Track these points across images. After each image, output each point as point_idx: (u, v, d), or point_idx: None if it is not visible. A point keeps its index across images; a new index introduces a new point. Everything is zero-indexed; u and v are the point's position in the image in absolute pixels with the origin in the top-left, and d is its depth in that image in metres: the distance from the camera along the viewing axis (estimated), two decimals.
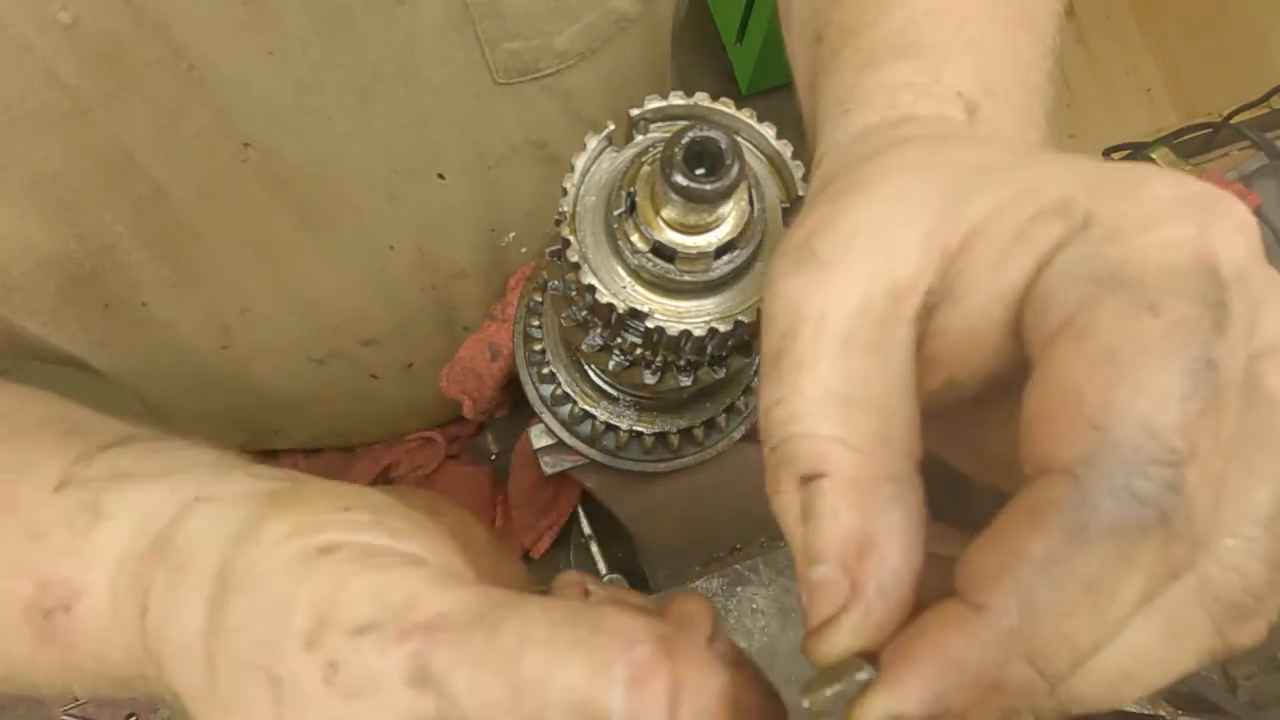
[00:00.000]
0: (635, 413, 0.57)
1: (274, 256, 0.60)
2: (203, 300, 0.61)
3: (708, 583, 0.66)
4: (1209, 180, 0.97)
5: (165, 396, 0.71)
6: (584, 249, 0.41)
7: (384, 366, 0.74)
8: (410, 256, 0.65)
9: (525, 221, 0.68)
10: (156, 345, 0.63)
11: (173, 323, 0.61)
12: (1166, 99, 1.62)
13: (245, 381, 0.70)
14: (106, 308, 0.58)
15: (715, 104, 0.43)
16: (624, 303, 0.40)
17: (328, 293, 0.65)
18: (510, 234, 0.68)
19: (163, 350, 0.64)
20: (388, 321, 0.69)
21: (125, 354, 0.63)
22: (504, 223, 0.67)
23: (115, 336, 0.61)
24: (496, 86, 0.57)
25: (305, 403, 0.75)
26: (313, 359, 0.69)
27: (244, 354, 0.66)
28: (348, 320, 0.68)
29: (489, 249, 0.68)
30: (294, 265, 0.62)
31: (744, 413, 0.60)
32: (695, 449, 0.60)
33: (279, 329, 0.66)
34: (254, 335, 0.65)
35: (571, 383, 0.58)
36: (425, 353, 0.75)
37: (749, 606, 0.66)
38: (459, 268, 0.68)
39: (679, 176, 0.36)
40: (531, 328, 0.59)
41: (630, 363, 0.47)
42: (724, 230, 0.40)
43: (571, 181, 0.42)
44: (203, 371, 0.67)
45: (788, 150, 0.43)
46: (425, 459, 0.84)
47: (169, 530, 0.36)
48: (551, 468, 0.61)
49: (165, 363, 0.65)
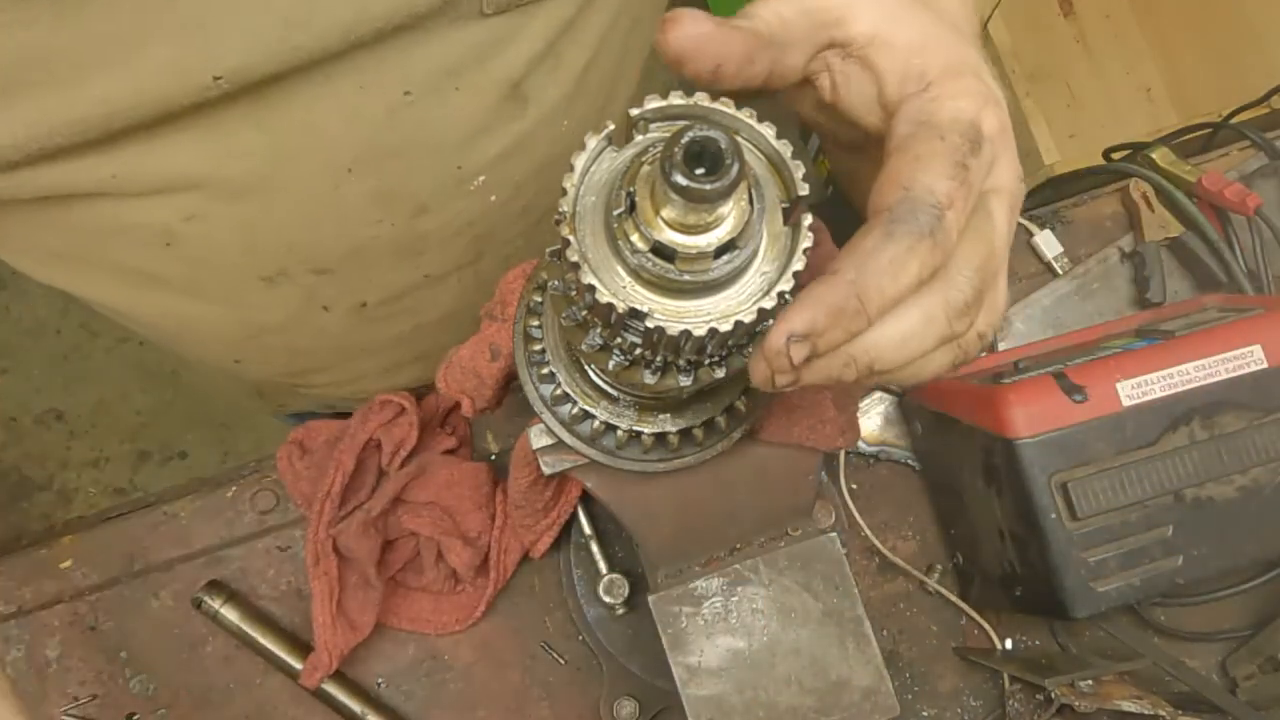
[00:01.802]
0: (635, 413, 0.57)
1: (220, 153, 0.58)
2: (141, 194, 0.59)
3: (708, 583, 0.66)
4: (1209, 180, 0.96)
5: (122, 308, 0.71)
6: (584, 249, 0.41)
7: (336, 300, 0.72)
8: (367, 184, 0.63)
9: (495, 166, 0.66)
10: (96, 239, 0.62)
11: (119, 215, 0.60)
12: (1166, 99, 1.62)
13: (197, 290, 0.69)
14: (44, 200, 0.57)
15: (715, 104, 0.43)
16: (624, 302, 0.40)
17: (277, 208, 0.62)
18: (480, 178, 0.66)
19: (109, 245, 0.63)
20: (339, 249, 0.67)
21: (65, 249, 0.63)
22: (472, 162, 0.65)
23: (52, 228, 0.60)
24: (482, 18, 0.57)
25: (261, 326, 0.74)
26: (262, 276, 0.68)
27: (190, 255, 0.65)
28: (298, 242, 0.66)
29: (453, 187, 0.66)
30: (241, 164, 0.59)
31: (744, 413, 0.60)
32: (695, 449, 0.60)
33: (223, 233, 0.63)
34: (199, 239, 0.63)
35: (571, 383, 0.58)
36: (380, 292, 0.73)
37: (749, 606, 0.66)
38: (420, 201, 0.66)
39: (679, 176, 0.36)
40: (531, 328, 0.59)
41: (630, 363, 0.47)
42: (724, 230, 0.40)
43: (571, 181, 0.42)
44: (152, 271, 0.66)
45: (788, 150, 0.43)
46: (403, 433, 0.83)
47: None
48: (551, 468, 0.61)
49: (108, 259, 0.65)
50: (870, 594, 0.89)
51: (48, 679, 0.83)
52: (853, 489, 0.90)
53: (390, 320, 0.77)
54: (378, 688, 0.85)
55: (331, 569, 0.79)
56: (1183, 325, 0.81)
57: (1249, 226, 0.93)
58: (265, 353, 0.81)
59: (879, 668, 0.66)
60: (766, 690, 0.65)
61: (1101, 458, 0.73)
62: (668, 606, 0.66)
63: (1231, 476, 0.74)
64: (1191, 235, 0.94)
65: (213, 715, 0.83)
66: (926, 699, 0.87)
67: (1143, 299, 0.95)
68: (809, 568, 0.67)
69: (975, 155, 0.42)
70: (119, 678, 0.84)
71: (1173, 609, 0.89)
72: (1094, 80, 1.61)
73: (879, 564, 0.90)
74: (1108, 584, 0.73)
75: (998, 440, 0.75)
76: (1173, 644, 0.88)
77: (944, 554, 0.90)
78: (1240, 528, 0.73)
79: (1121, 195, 0.99)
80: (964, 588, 0.88)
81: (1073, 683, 0.78)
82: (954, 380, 0.85)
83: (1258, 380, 0.75)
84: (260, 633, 0.82)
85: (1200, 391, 0.74)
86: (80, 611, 0.84)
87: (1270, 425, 0.74)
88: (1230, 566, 0.74)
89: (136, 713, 0.83)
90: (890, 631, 0.88)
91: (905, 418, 0.92)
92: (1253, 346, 0.75)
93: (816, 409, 0.65)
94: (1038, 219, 0.98)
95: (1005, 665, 0.84)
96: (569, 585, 0.85)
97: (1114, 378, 0.74)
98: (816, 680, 0.65)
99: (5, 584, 0.84)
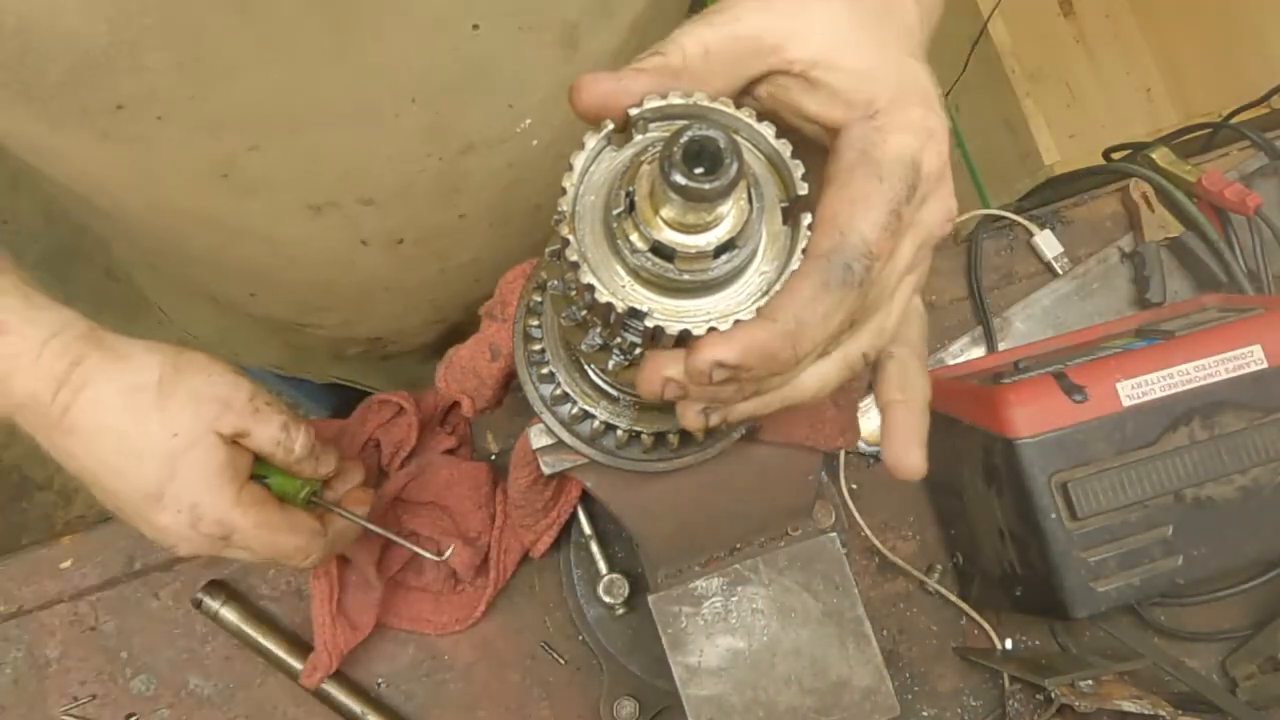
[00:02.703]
0: (635, 413, 0.57)
1: (297, 77, 0.59)
2: (213, 121, 0.59)
3: (707, 583, 0.66)
4: (1209, 180, 0.96)
5: (159, 234, 0.70)
6: (583, 248, 0.41)
7: (376, 234, 0.73)
8: (426, 117, 0.64)
9: (541, 109, 0.68)
10: (161, 165, 0.62)
11: (182, 143, 0.60)
12: (1166, 99, 1.62)
13: (239, 222, 0.69)
14: (120, 108, 0.56)
15: (715, 103, 0.43)
16: (623, 302, 0.40)
17: (338, 135, 0.63)
18: (526, 120, 0.68)
19: (167, 172, 0.63)
20: (389, 181, 0.68)
21: (129, 171, 0.63)
22: (523, 103, 0.67)
23: (122, 147, 0.60)
24: None
25: (293, 259, 0.74)
26: (310, 205, 0.68)
27: (243, 186, 0.65)
28: (351, 170, 0.67)
29: (502, 126, 0.68)
30: (313, 91, 0.60)
31: None
32: (695, 449, 0.60)
33: (282, 163, 0.64)
34: (257, 169, 0.64)
35: (571, 383, 0.58)
36: (417, 230, 0.74)
37: (749, 606, 0.66)
38: (469, 139, 0.67)
39: (678, 176, 0.36)
40: (531, 328, 0.59)
41: (630, 363, 0.47)
42: (723, 230, 0.40)
43: (571, 180, 0.42)
44: (200, 205, 0.66)
45: (787, 150, 0.43)
46: (402, 434, 0.83)
47: (101, 334, 0.61)
48: (551, 467, 0.61)
49: (167, 189, 0.65)
50: (870, 594, 0.89)
51: (48, 679, 0.83)
52: (853, 489, 0.90)
53: (421, 261, 0.78)
54: (378, 688, 0.85)
55: (331, 569, 0.79)
56: (1183, 325, 0.81)
57: (1249, 226, 0.93)
58: (286, 288, 0.81)
59: (879, 668, 0.66)
60: (766, 690, 0.65)
61: (1101, 458, 0.73)
62: (668, 606, 0.66)
63: (1231, 476, 0.74)
64: (1191, 235, 0.94)
65: (213, 715, 0.83)
66: (926, 699, 0.87)
67: (1143, 299, 0.95)
68: (809, 568, 0.67)
69: (909, 201, 0.44)
70: (119, 678, 0.84)
71: (1173, 609, 0.89)
72: (1094, 80, 1.61)
73: (879, 564, 0.90)
74: (1108, 584, 0.73)
75: (998, 440, 0.75)
76: (1173, 644, 0.88)
77: (944, 554, 0.90)
78: (1240, 528, 0.73)
79: (1121, 195, 0.99)
80: (964, 588, 0.88)
81: (1073, 683, 0.78)
82: (954, 380, 0.85)
83: (1258, 380, 0.75)
84: (260, 633, 0.82)
85: (1200, 391, 0.74)
86: (80, 611, 0.84)
87: (1270, 425, 0.74)
88: (1230, 566, 0.74)
89: (136, 713, 0.83)
90: (890, 631, 0.88)
91: None
92: (1253, 346, 0.75)
93: (816, 409, 0.65)
94: (1038, 219, 0.98)
95: (1005, 665, 0.84)
96: (569, 585, 0.85)
97: (1114, 378, 0.74)
98: (816, 680, 0.65)
99: (5, 584, 0.84)
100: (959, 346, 0.95)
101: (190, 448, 0.61)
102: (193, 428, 0.61)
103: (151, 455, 0.60)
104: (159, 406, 0.61)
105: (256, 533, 0.63)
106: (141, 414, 0.61)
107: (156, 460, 0.60)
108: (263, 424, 0.64)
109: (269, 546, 0.64)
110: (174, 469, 0.60)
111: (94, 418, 0.60)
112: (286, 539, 0.65)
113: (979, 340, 0.95)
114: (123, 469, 0.61)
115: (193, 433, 0.61)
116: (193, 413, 0.61)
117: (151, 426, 0.60)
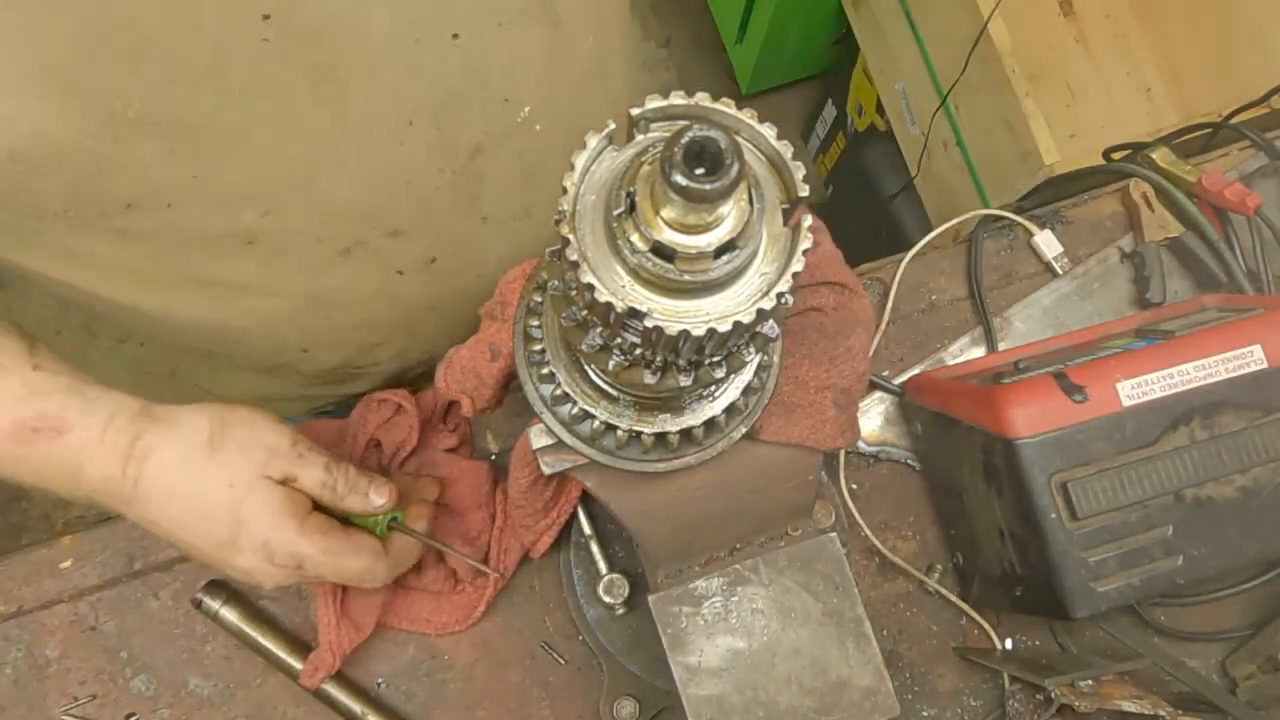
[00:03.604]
0: (635, 412, 0.57)
1: (291, 137, 0.60)
2: (222, 197, 0.61)
3: (708, 583, 0.66)
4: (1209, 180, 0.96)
5: (199, 315, 0.73)
6: (583, 248, 0.41)
7: (409, 261, 0.75)
8: (429, 134, 0.65)
9: (536, 92, 0.69)
10: (186, 248, 0.64)
11: (199, 224, 0.62)
12: (1166, 99, 1.62)
13: (277, 284, 0.71)
14: (130, 206, 0.58)
15: (715, 104, 0.43)
16: (623, 302, 0.40)
17: (349, 179, 0.65)
18: (525, 108, 0.69)
19: (193, 253, 0.65)
20: (410, 207, 0.70)
21: (156, 261, 0.65)
22: (518, 93, 0.68)
23: (143, 241, 0.62)
24: None
25: (334, 305, 0.77)
26: (339, 250, 0.71)
27: (271, 248, 0.67)
28: (373, 208, 0.69)
29: (504, 122, 0.69)
30: (311, 145, 0.61)
31: (744, 412, 0.60)
32: (695, 449, 0.60)
33: (301, 219, 0.66)
34: (278, 230, 0.66)
35: (571, 383, 0.58)
36: (447, 245, 0.76)
37: (749, 606, 0.66)
38: (476, 142, 0.69)
39: (679, 176, 0.36)
40: (531, 328, 0.59)
41: (630, 363, 0.47)
42: (724, 230, 0.40)
43: (571, 180, 0.42)
44: (233, 275, 0.69)
45: (788, 150, 0.43)
46: (403, 434, 0.83)
47: (152, 409, 0.65)
48: (551, 467, 0.61)
49: (197, 269, 0.67)
50: (870, 594, 0.89)
51: (48, 679, 0.83)
52: (853, 489, 0.90)
53: (457, 274, 0.80)
54: (378, 688, 0.85)
55: None
56: (1183, 325, 0.81)
57: (1249, 226, 0.93)
58: (334, 334, 0.83)
59: (879, 668, 0.66)
60: (766, 690, 0.65)
61: (1101, 458, 0.73)
62: (668, 606, 0.66)
63: (1231, 476, 0.74)
64: (1191, 235, 0.94)
65: (213, 715, 0.83)
66: (926, 699, 0.87)
67: (1143, 299, 0.95)
68: (809, 568, 0.67)
69: None
70: (119, 678, 0.84)
71: (1173, 609, 0.89)
72: (1094, 80, 1.61)
73: (879, 564, 0.90)
74: (1108, 584, 0.73)
75: (998, 440, 0.75)
76: (1173, 644, 0.88)
77: (944, 554, 0.90)
78: (1240, 528, 0.73)
79: (1121, 195, 0.99)
80: (964, 588, 0.88)
81: (1073, 683, 0.78)
82: (954, 380, 0.85)
83: (1258, 380, 0.75)
84: (260, 633, 0.82)
85: (1200, 391, 0.74)
86: (80, 611, 0.84)
87: (1270, 425, 0.74)
88: (1230, 566, 0.74)
89: (136, 713, 0.83)
90: (890, 631, 0.88)
91: (905, 418, 0.92)
92: (1253, 346, 0.75)
93: (816, 409, 0.65)
94: (1038, 219, 0.98)
95: (1005, 665, 0.84)
96: (569, 585, 0.85)
97: (1114, 378, 0.74)
98: (816, 680, 0.65)
99: (5, 584, 0.84)
100: (959, 346, 0.95)
101: (248, 494, 0.65)
102: (245, 475, 0.65)
103: (216, 508, 0.65)
104: (213, 461, 0.65)
105: (324, 559, 0.68)
106: (199, 471, 0.65)
107: (221, 511, 0.65)
108: (306, 468, 0.68)
109: (337, 571, 0.69)
110: (239, 516, 0.65)
111: (161, 484, 0.64)
112: (352, 562, 0.69)
113: (979, 340, 0.95)
114: (196, 525, 0.66)
115: (246, 480, 0.65)
116: (243, 461, 0.65)
117: (210, 482, 0.65)
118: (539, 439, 0.60)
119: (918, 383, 0.90)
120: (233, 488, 0.65)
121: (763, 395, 0.61)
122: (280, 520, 0.66)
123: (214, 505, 0.65)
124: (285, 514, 0.66)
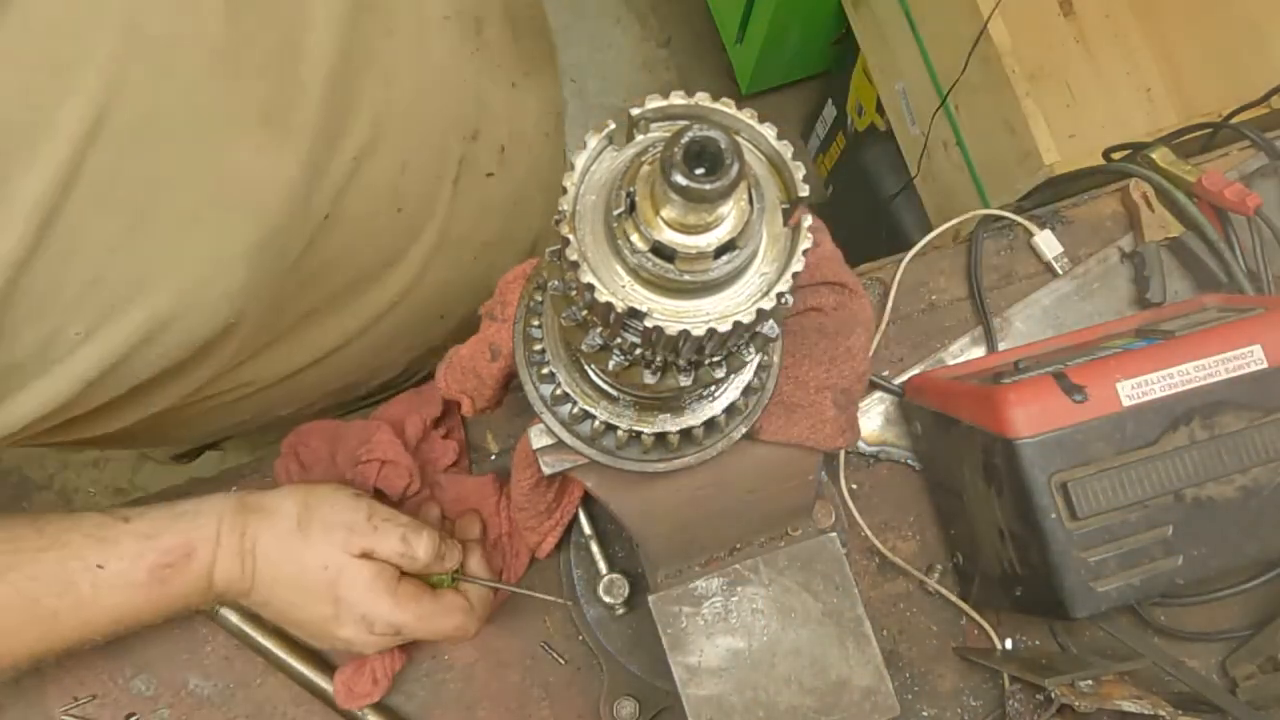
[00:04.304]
0: (635, 412, 0.57)
1: (282, 248, 0.62)
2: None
3: (707, 583, 0.66)
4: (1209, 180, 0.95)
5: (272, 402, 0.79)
6: (583, 248, 0.41)
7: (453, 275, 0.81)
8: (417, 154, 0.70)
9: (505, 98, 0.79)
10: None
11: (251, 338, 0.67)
12: (1166, 99, 1.62)
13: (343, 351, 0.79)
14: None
15: (715, 104, 0.43)
16: (623, 302, 0.40)
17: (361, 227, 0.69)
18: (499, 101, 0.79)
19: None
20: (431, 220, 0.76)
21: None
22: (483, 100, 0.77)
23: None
24: None
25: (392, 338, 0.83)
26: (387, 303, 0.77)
27: (322, 336, 0.75)
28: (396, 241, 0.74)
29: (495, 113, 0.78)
30: (300, 238, 0.63)
31: (744, 412, 0.60)
32: (695, 449, 0.59)
33: (334, 297, 0.73)
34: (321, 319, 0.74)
35: (571, 383, 0.58)
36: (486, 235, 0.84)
37: (749, 606, 0.66)
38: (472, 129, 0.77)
39: (679, 176, 0.36)
40: (531, 328, 0.59)
41: (630, 363, 0.47)
42: (724, 230, 0.39)
43: (571, 180, 0.42)
44: (291, 361, 0.75)
45: (788, 150, 0.43)
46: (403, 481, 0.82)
47: (245, 500, 0.70)
48: (551, 467, 0.61)
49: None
50: (870, 594, 0.89)
51: (48, 679, 0.83)
52: (853, 489, 0.90)
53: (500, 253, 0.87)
54: None
55: None
56: (1183, 325, 0.81)
57: (1249, 226, 0.93)
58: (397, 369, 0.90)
59: (879, 668, 0.66)
60: (766, 690, 0.65)
61: (1101, 458, 0.73)
62: (668, 606, 0.66)
63: (1231, 476, 0.74)
64: (1191, 235, 0.94)
65: (213, 715, 0.83)
66: (926, 699, 0.87)
67: (1143, 299, 0.95)
68: (809, 568, 0.67)
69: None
70: (119, 677, 0.84)
71: (1173, 609, 0.89)
72: (1094, 80, 1.61)
73: (879, 564, 0.90)
74: (1108, 584, 0.73)
75: (998, 440, 0.75)
76: (1173, 644, 0.88)
77: (944, 554, 0.90)
78: (1240, 528, 0.73)
79: (1121, 195, 0.99)
80: (964, 588, 0.88)
81: (1073, 683, 0.78)
82: (954, 380, 0.85)
83: (1258, 380, 0.75)
84: (260, 633, 0.82)
85: (1200, 391, 0.74)
86: None
87: (1270, 425, 0.74)
88: (1230, 566, 0.74)
89: (136, 713, 0.83)
90: (890, 631, 0.88)
91: (905, 418, 0.92)
92: (1253, 346, 0.75)
93: (816, 409, 0.65)
94: (1038, 219, 0.98)
95: (1005, 665, 0.84)
96: (569, 585, 0.85)
97: (1114, 378, 0.74)
98: (816, 680, 0.65)
99: None
100: (959, 346, 0.95)
101: (340, 573, 0.69)
102: (333, 555, 0.69)
103: (314, 588, 0.69)
104: (305, 544, 0.69)
105: (419, 624, 0.72)
106: (295, 555, 0.69)
107: (319, 591, 0.69)
108: (382, 540, 0.71)
109: (432, 633, 0.73)
110: (335, 594, 0.69)
111: (267, 571, 0.69)
112: (444, 622, 0.73)
113: (979, 340, 0.95)
114: (300, 603, 0.70)
115: (335, 560, 0.69)
116: (328, 542, 0.69)
117: (305, 565, 0.69)
118: (539, 439, 0.60)
119: (918, 383, 0.90)
120: (326, 570, 0.69)
121: (763, 395, 0.61)
122: (373, 595, 0.69)
123: (312, 586, 0.69)
124: (378, 589, 0.70)
